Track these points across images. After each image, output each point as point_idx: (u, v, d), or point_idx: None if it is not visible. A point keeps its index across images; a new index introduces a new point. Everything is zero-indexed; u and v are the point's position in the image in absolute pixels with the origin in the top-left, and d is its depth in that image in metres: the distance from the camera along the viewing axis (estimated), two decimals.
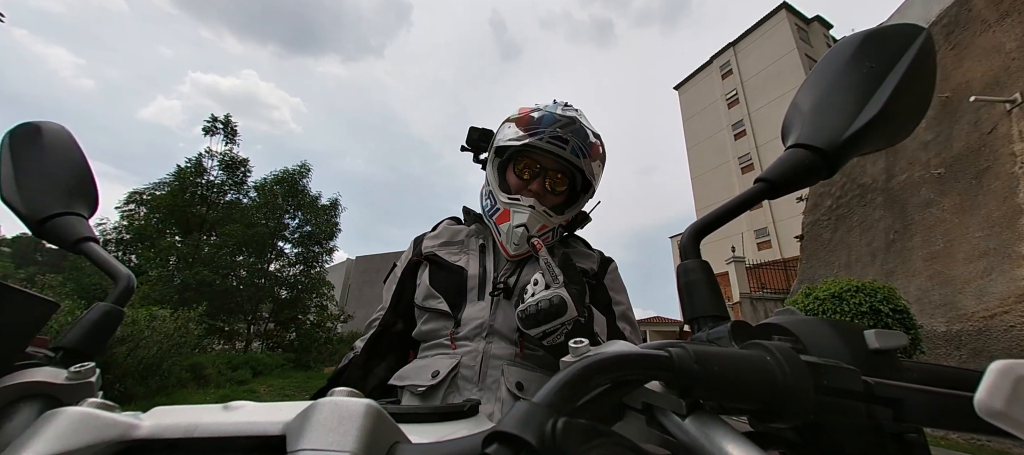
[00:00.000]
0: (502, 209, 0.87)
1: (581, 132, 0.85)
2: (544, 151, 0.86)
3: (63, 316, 5.20)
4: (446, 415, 0.41)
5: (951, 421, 0.23)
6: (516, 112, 0.92)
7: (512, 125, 0.89)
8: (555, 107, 0.89)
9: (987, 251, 5.31)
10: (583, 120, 0.89)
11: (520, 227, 0.84)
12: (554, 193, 0.90)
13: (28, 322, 0.33)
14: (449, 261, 0.90)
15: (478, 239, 0.94)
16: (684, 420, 0.24)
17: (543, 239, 0.87)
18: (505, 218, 0.86)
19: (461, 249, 0.93)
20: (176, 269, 11.26)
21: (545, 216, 0.86)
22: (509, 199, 0.86)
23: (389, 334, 0.92)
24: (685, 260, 0.35)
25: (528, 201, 0.85)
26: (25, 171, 0.46)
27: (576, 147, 0.84)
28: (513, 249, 0.86)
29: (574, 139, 0.84)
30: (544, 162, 0.88)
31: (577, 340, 0.30)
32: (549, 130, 0.83)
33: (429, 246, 0.94)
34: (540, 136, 0.83)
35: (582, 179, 0.92)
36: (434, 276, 0.89)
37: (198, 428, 0.27)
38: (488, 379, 0.77)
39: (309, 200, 14.65)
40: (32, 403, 0.31)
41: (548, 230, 0.88)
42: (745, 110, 28.27)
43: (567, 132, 0.84)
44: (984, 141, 5.63)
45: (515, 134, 0.86)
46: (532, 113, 0.88)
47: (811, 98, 0.37)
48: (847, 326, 0.29)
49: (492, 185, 0.90)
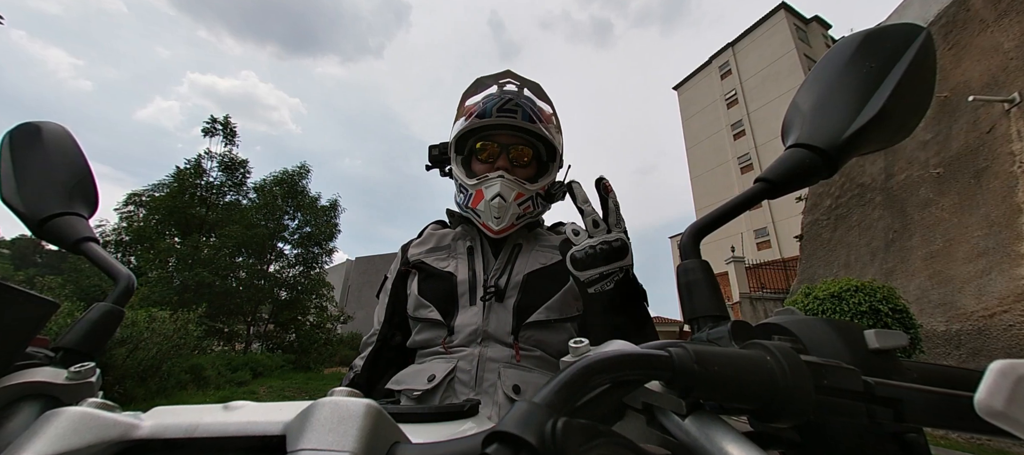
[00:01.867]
0: (474, 192, 0.86)
1: (527, 100, 0.87)
2: (497, 127, 0.87)
3: (63, 317, 5.19)
4: (446, 415, 0.41)
5: (951, 421, 0.23)
6: (461, 103, 0.92)
7: (462, 119, 0.90)
8: (496, 87, 0.90)
9: (986, 250, 5.31)
10: (526, 92, 0.90)
11: (496, 197, 0.83)
12: (522, 166, 0.90)
13: (28, 322, 0.33)
14: (437, 268, 0.89)
15: (465, 241, 0.93)
16: (684, 420, 0.24)
17: (524, 208, 0.86)
18: (479, 197, 0.85)
19: (448, 254, 0.92)
20: (175, 270, 11.24)
21: (519, 183, 0.86)
22: (477, 180, 0.86)
23: (388, 348, 0.92)
24: (685, 260, 0.35)
25: (496, 173, 0.85)
26: (25, 171, 0.46)
27: (526, 113, 0.85)
28: (495, 223, 0.84)
29: (522, 107, 0.85)
30: (502, 139, 0.89)
31: (577, 340, 0.30)
32: (495, 105, 0.84)
33: (416, 254, 0.93)
34: (488, 113, 0.85)
35: (546, 147, 0.92)
36: (423, 285, 0.88)
37: (198, 428, 0.27)
38: (485, 383, 0.76)
39: (308, 201, 14.62)
40: (32, 403, 0.31)
41: (526, 197, 0.87)
42: (744, 110, 28.29)
43: (512, 103, 0.85)
44: (983, 140, 5.64)
45: (464, 123, 0.87)
46: (476, 97, 0.89)
47: (811, 98, 0.37)
48: (847, 326, 0.29)
49: (461, 178, 0.90)
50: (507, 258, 0.89)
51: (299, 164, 14.82)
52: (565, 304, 0.84)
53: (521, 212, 0.86)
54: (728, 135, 29.27)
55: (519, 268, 0.86)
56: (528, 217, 0.89)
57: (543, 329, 0.82)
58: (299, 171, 14.68)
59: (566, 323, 0.84)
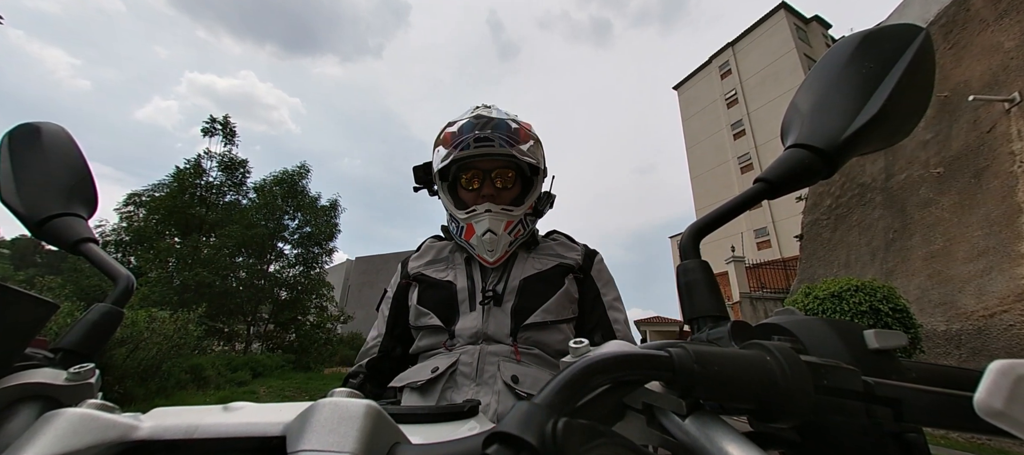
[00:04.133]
0: (465, 226, 0.89)
1: (501, 124, 0.88)
2: (476, 156, 0.88)
3: (62, 318, 5.19)
4: (446, 415, 0.41)
5: (951, 421, 0.23)
6: (440, 133, 0.94)
7: (440, 148, 0.91)
8: (471, 112, 0.92)
9: (986, 250, 5.31)
10: (498, 113, 0.92)
11: (487, 233, 0.86)
12: (507, 189, 0.92)
13: (28, 323, 0.33)
14: (436, 278, 0.92)
15: (462, 253, 0.96)
16: (684, 420, 0.24)
17: (514, 234, 0.89)
18: (471, 232, 0.88)
19: (447, 265, 0.95)
20: (175, 270, 11.24)
21: (506, 213, 0.88)
22: (466, 214, 0.88)
23: (389, 360, 0.94)
24: (685, 260, 0.35)
25: (483, 207, 0.87)
26: (24, 172, 0.46)
27: (502, 139, 0.87)
28: (490, 256, 0.88)
29: (496, 133, 0.86)
30: (483, 166, 0.91)
31: (577, 340, 0.30)
32: (470, 136, 0.86)
33: (415, 267, 0.96)
34: (465, 145, 0.86)
35: (529, 165, 0.94)
36: (423, 295, 0.91)
37: (198, 429, 0.27)
38: (485, 375, 0.79)
39: (308, 201, 14.63)
40: (32, 404, 0.31)
41: (515, 223, 0.89)
42: (744, 110, 28.29)
43: (486, 130, 0.86)
44: (983, 140, 5.64)
45: (443, 154, 0.89)
46: (450, 129, 0.90)
47: (810, 98, 0.37)
48: (847, 326, 0.29)
49: (450, 208, 0.92)
50: (504, 266, 0.92)
51: (299, 164, 14.86)
52: (561, 306, 0.87)
53: (512, 239, 0.89)
54: (728, 135, 29.27)
55: (515, 274, 0.90)
56: (520, 240, 0.92)
57: (541, 330, 0.85)
58: (299, 171, 14.69)
59: (562, 324, 0.87)
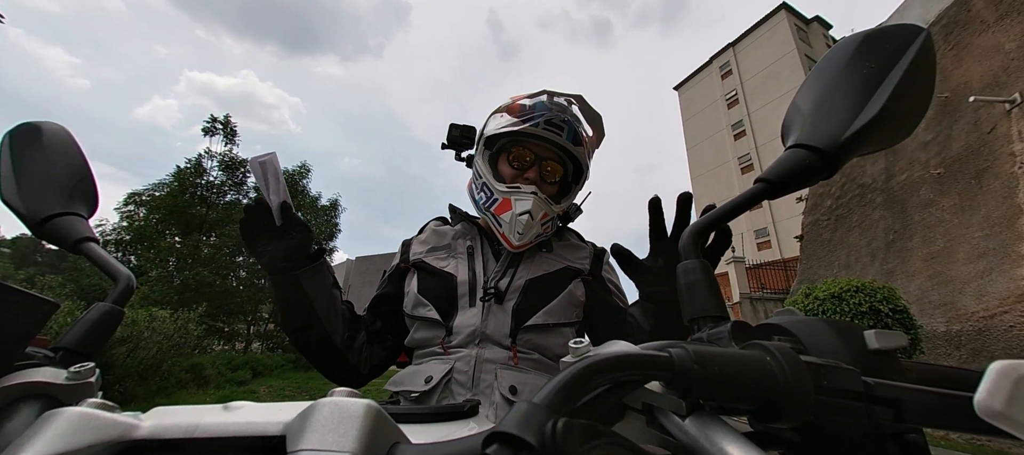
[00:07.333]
0: (501, 199, 0.83)
1: (575, 120, 0.85)
2: (539, 138, 0.85)
3: (63, 317, 5.19)
4: (446, 415, 0.41)
5: (951, 421, 0.23)
6: (508, 100, 0.90)
7: (504, 114, 0.87)
8: (547, 97, 0.86)
9: (987, 251, 5.30)
10: (575, 109, 0.86)
11: (525, 214, 0.80)
12: (549, 183, 0.89)
13: (28, 322, 0.33)
14: (437, 267, 0.88)
15: (466, 240, 0.91)
16: (684, 420, 0.24)
17: (545, 227, 0.85)
18: (506, 207, 0.82)
19: (448, 253, 0.90)
20: (176, 270, 11.24)
21: (547, 204, 0.84)
22: (509, 187, 0.83)
23: (369, 332, 0.91)
24: (685, 260, 0.35)
25: (530, 188, 0.82)
26: (25, 171, 0.46)
27: (571, 134, 0.84)
28: (517, 239, 0.82)
29: (569, 125, 0.83)
30: (538, 151, 0.87)
31: (577, 340, 0.30)
32: (544, 116, 0.82)
33: (417, 252, 0.91)
34: (535, 122, 0.82)
35: (574, 168, 0.92)
36: (422, 283, 0.86)
37: (198, 428, 0.27)
38: (482, 384, 0.75)
39: (309, 201, 14.64)
40: (32, 403, 0.31)
41: (549, 219, 0.85)
42: (745, 110, 28.29)
43: (562, 119, 0.83)
44: (983, 141, 5.63)
45: (508, 122, 0.84)
46: (524, 101, 0.86)
47: (811, 98, 0.37)
48: (847, 326, 0.29)
49: (486, 177, 0.86)
50: (509, 262, 0.88)
51: (299, 163, 14.86)
52: (564, 309, 0.83)
53: (542, 231, 0.86)
54: (728, 135, 29.28)
55: (521, 273, 0.86)
56: (545, 236, 0.89)
57: (541, 333, 0.81)
58: (299, 171, 14.69)
59: (565, 328, 0.83)
